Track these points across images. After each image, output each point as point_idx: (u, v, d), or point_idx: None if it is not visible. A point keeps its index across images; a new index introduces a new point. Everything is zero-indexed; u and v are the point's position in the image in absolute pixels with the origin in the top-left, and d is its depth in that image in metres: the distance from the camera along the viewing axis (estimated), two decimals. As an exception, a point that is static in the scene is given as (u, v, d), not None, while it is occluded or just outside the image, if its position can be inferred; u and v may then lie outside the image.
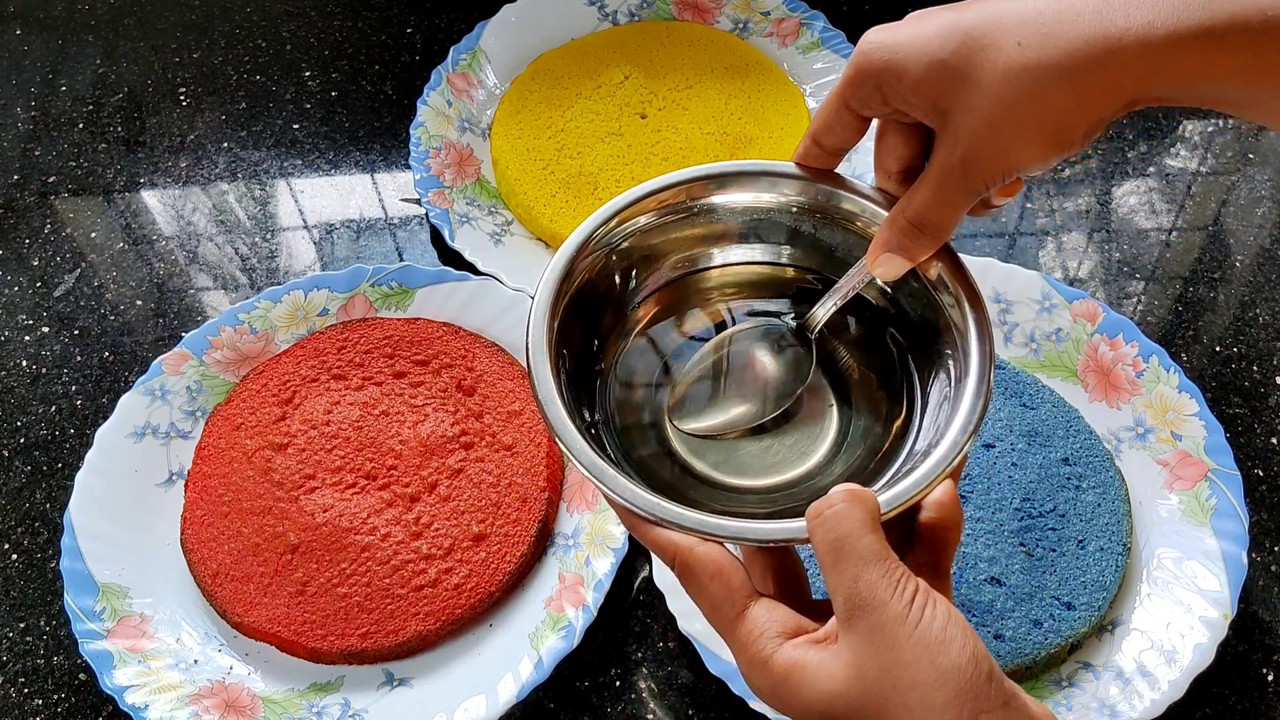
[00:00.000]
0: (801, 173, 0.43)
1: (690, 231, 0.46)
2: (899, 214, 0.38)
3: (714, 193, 0.45)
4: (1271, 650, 0.52)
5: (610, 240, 0.44)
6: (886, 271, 0.40)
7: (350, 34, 0.81)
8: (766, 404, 0.44)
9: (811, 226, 0.45)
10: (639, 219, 0.44)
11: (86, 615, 0.52)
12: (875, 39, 0.36)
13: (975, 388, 0.38)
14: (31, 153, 0.76)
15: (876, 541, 0.32)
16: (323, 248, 0.70)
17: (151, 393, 0.59)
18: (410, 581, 0.53)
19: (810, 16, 0.74)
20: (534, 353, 0.40)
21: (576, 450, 0.37)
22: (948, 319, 0.41)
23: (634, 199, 0.43)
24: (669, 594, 0.51)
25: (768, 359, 0.45)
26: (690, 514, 0.35)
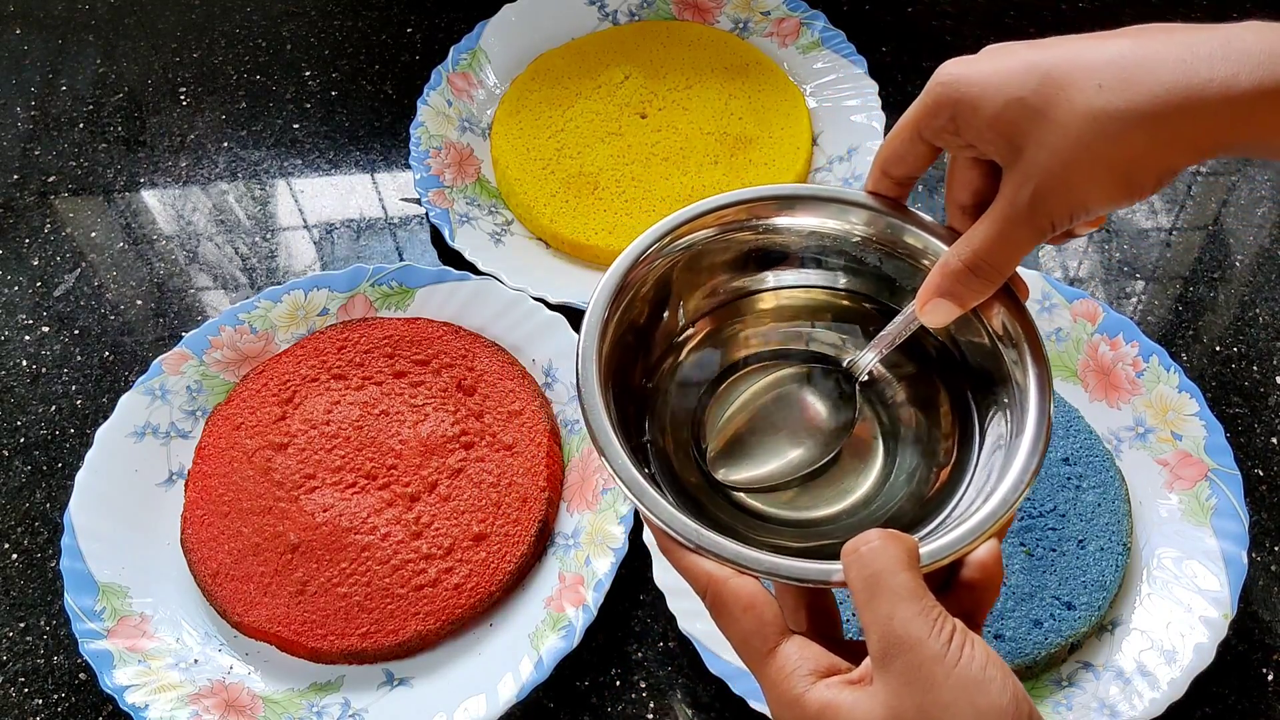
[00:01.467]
0: (872, 202, 0.42)
1: (750, 252, 0.45)
2: (953, 256, 0.37)
3: (778, 214, 0.43)
4: (1271, 650, 0.52)
5: (667, 254, 0.43)
6: (935, 318, 0.39)
7: (350, 34, 0.81)
8: (806, 458, 0.43)
9: (876, 258, 0.44)
10: (698, 234, 0.43)
11: (86, 615, 0.52)
12: (955, 71, 0.36)
13: (1031, 445, 0.37)
14: (31, 153, 0.76)
15: (912, 579, 0.32)
16: (323, 247, 0.70)
17: (151, 392, 0.59)
18: (410, 581, 0.53)
19: (810, 16, 0.74)
20: (584, 363, 0.39)
21: (618, 465, 0.37)
22: (1006, 370, 0.40)
23: (696, 214, 0.42)
24: (669, 594, 0.51)
25: (810, 408, 0.44)
26: (728, 544, 0.34)
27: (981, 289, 0.38)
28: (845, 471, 0.43)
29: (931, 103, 0.37)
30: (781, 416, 0.44)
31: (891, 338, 0.41)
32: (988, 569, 0.34)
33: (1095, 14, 0.78)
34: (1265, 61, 0.32)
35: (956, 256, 0.37)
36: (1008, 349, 0.40)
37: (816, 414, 0.44)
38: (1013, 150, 0.35)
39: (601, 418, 0.38)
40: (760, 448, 0.44)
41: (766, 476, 0.43)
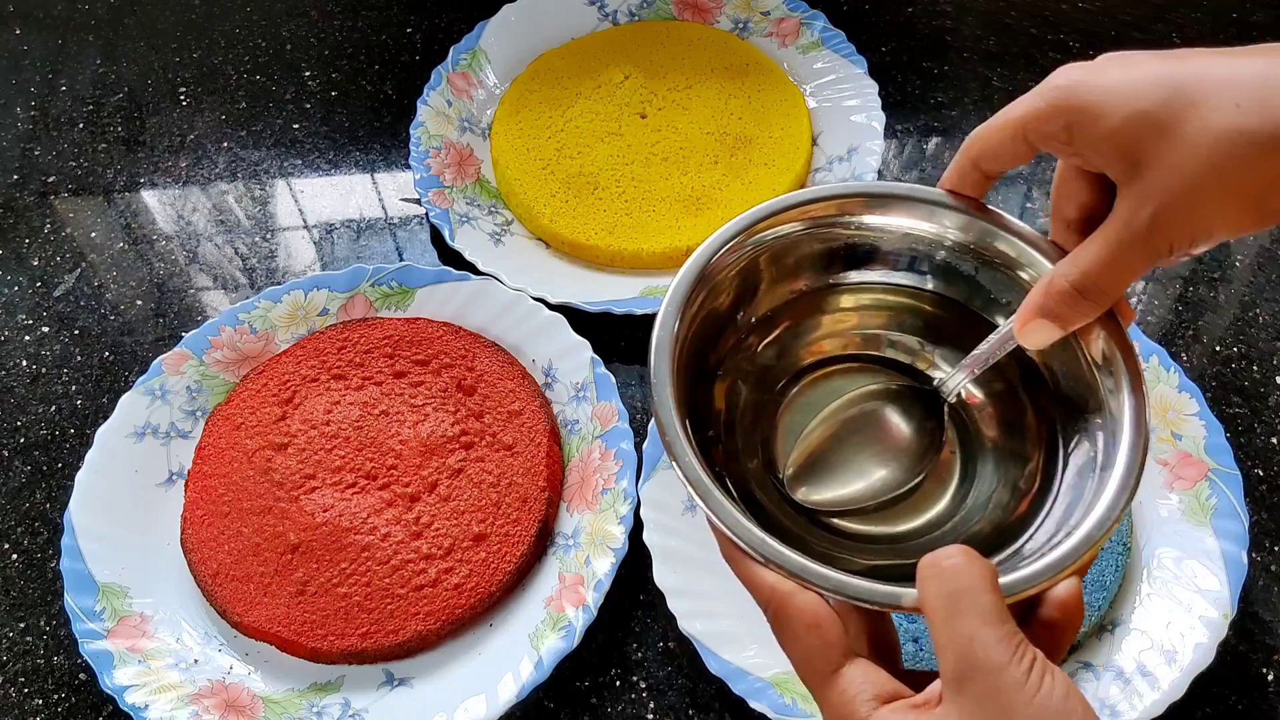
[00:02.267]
0: (966, 206, 0.41)
1: (836, 249, 0.43)
2: (1060, 277, 0.35)
3: (869, 212, 0.42)
4: (1271, 650, 0.52)
5: (751, 246, 0.41)
6: (1034, 339, 0.37)
7: (350, 34, 0.81)
8: (889, 481, 0.41)
9: (968, 265, 0.42)
10: (784, 228, 0.42)
11: (86, 615, 0.52)
12: (1075, 76, 0.34)
13: (1122, 481, 0.35)
14: (31, 153, 0.76)
15: (996, 601, 0.30)
16: (323, 248, 0.70)
17: (151, 392, 0.59)
18: (410, 581, 0.53)
19: (810, 16, 0.74)
20: (656, 354, 0.38)
21: (685, 464, 0.35)
22: (1101, 398, 0.38)
23: (784, 206, 0.41)
24: (669, 594, 0.51)
25: (894, 428, 0.42)
26: (795, 557, 0.33)
27: (1087, 312, 0.36)
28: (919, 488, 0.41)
29: (1046, 107, 0.35)
30: (864, 435, 0.42)
31: (984, 358, 0.40)
32: (1068, 608, 0.33)
33: (1095, 13, 0.78)
34: None
35: (1063, 277, 0.35)
36: (1103, 375, 0.38)
37: (901, 435, 0.42)
38: (1132, 167, 0.33)
39: (670, 413, 0.36)
40: (841, 467, 0.42)
41: (846, 499, 0.41)
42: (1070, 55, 0.76)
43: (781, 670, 0.50)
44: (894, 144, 0.72)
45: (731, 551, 0.34)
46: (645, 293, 0.63)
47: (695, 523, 0.54)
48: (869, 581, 0.33)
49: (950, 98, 0.74)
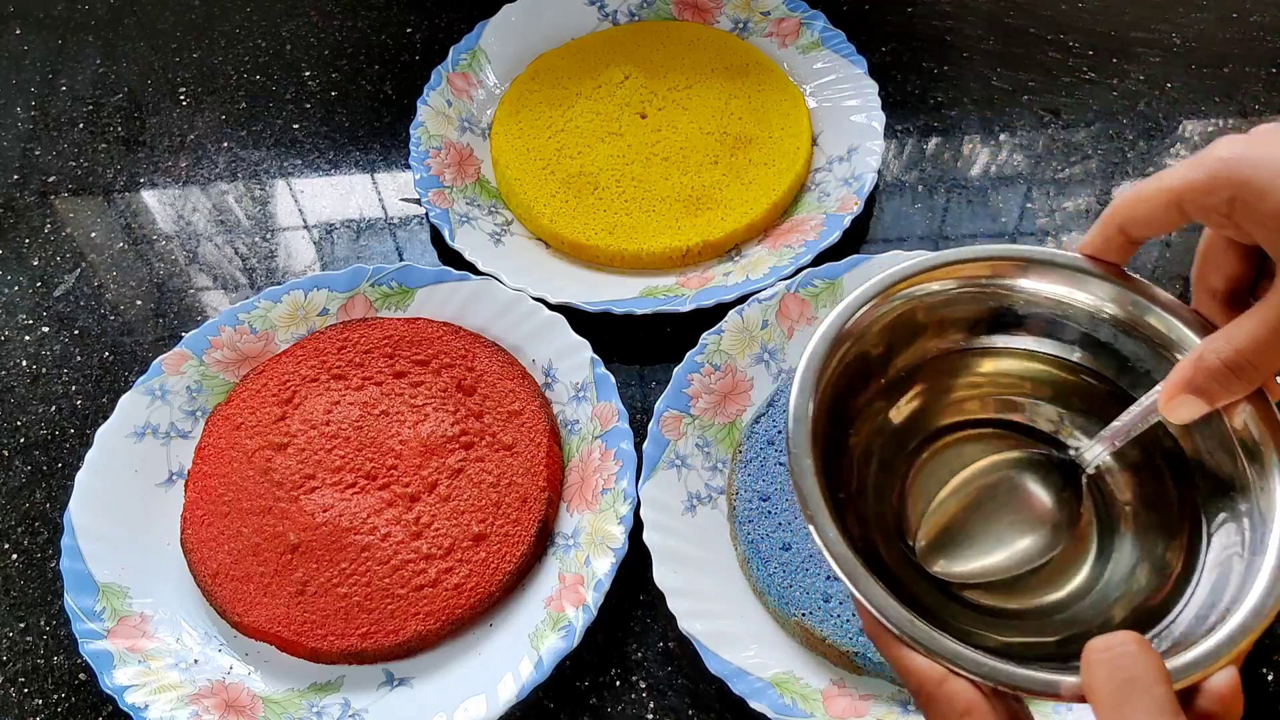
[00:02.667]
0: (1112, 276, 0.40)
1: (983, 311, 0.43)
2: (1211, 352, 0.35)
3: (1020, 276, 0.41)
4: (1271, 650, 0.52)
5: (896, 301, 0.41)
6: (1180, 414, 0.36)
7: (350, 34, 0.81)
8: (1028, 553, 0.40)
9: (1115, 336, 0.42)
10: (932, 285, 0.41)
11: (86, 615, 0.52)
12: (1237, 150, 0.33)
13: (1275, 569, 0.34)
14: (31, 153, 0.76)
15: (1169, 694, 0.29)
16: (323, 248, 0.70)
17: (151, 392, 0.59)
18: (410, 581, 0.53)
19: (810, 16, 0.74)
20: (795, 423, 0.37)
21: (830, 542, 0.35)
22: (1247, 478, 0.37)
23: (934, 265, 0.41)
24: (669, 594, 0.51)
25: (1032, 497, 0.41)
26: (948, 643, 0.32)
27: (1237, 390, 0.35)
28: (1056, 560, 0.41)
29: (1206, 179, 0.34)
30: (1000, 505, 0.41)
31: (1125, 430, 0.39)
32: (1226, 700, 0.32)
33: (1096, 13, 0.78)
34: None
35: (1214, 353, 0.34)
36: (1248, 454, 0.37)
37: (1038, 505, 0.41)
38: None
39: (812, 485, 0.36)
40: (976, 537, 0.41)
41: (981, 572, 0.40)
42: (1071, 55, 0.76)
43: (781, 670, 0.50)
44: (894, 144, 0.72)
45: (878, 632, 0.34)
46: (645, 293, 0.63)
47: (695, 523, 0.54)
48: (1025, 668, 0.32)
49: (950, 98, 0.74)
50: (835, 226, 0.63)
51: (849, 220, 0.64)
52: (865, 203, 0.65)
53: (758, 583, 0.52)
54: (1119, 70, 0.75)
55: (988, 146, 0.72)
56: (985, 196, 0.69)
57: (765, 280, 0.61)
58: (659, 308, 0.61)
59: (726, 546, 0.54)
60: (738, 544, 0.54)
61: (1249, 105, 0.73)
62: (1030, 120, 0.73)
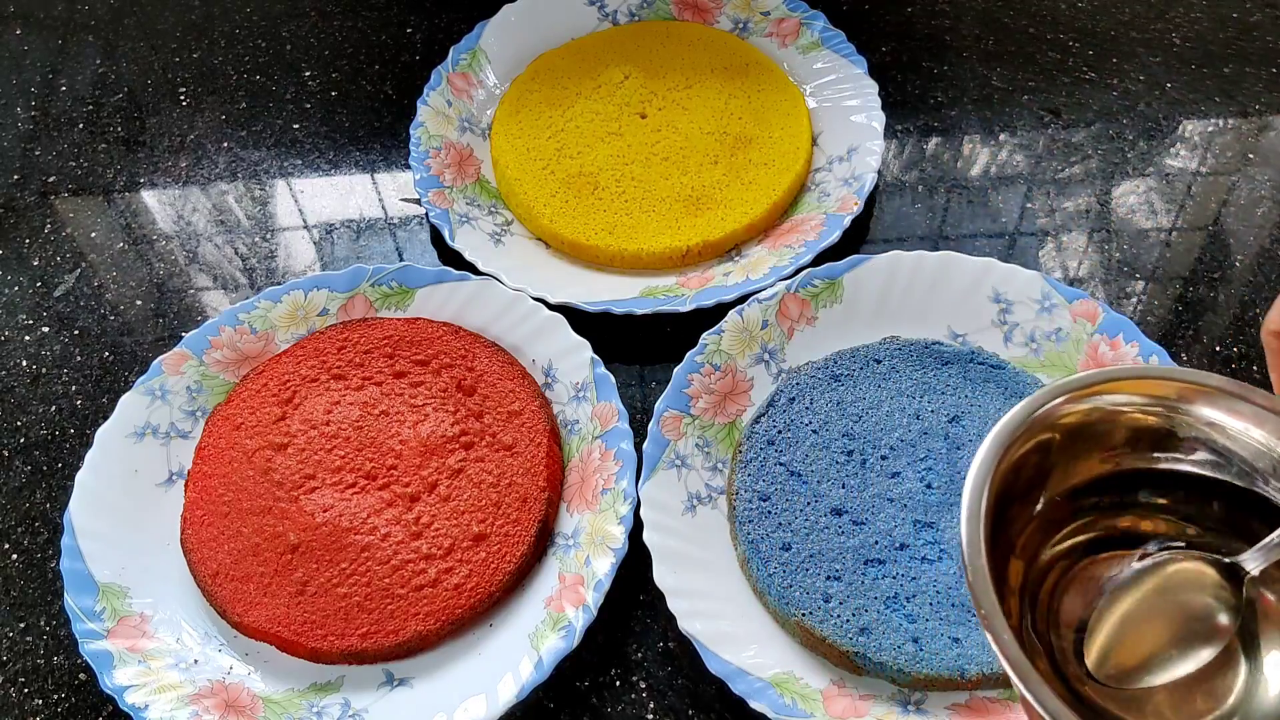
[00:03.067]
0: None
1: (1156, 429, 0.42)
2: None
3: (1205, 405, 0.41)
4: (1271, 650, 0.52)
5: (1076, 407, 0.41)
6: None
7: (350, 34, 0.81)
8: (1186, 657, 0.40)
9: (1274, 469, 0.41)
10: (1116, 396, 0.41)
11: (86, 615, 0.52)
12: None
13: None
14: (31, 153, 0.76)
15: None
16: (323, 248, 0.70)
17: (151, 393, 0.59)
18: (410, 581, 0.53)
19: (810, 16, 0.74)
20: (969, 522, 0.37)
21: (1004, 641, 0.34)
22: None
23: (1128, 375, 0.40)
24: (669, 594, 0.51)
25: (1194, 600, 0.41)
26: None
27: None
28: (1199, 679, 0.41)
29: None
30: (1160, 611, 0.41)
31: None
32: None
33: (1094, 13, 0.78)
34: None
35: None
36: None
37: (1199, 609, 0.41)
38: None
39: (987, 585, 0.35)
40: (1137, 644, 0.41)
41: (1143, 678, 0.40)
42: (1069, 55, 0.76)
43: (781, 670, 0.50)
44: (894, 144, 0.72)
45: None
46: (645, 293, 0.63)
47: (695, 523, 0.54)
48: None
49: (950, 97, 0.74)
50: (835, 226, 0.63)
51: (849, 220, 0.64)
52: (865, 203, 0.65)
53: (758, 583, 0.52)
54: (1119, 70, 0.75)
55: (988, 146, 0.72)
56: (985, 196, 0.69)
57: (765, 280, 0.61)
58: (659, 308, 0.61)
59: (726, 546, 0.54)
60: (738, 544, 0.54)
61: (1249, 105, 0.73)
62: (1030, 120, 0.73)
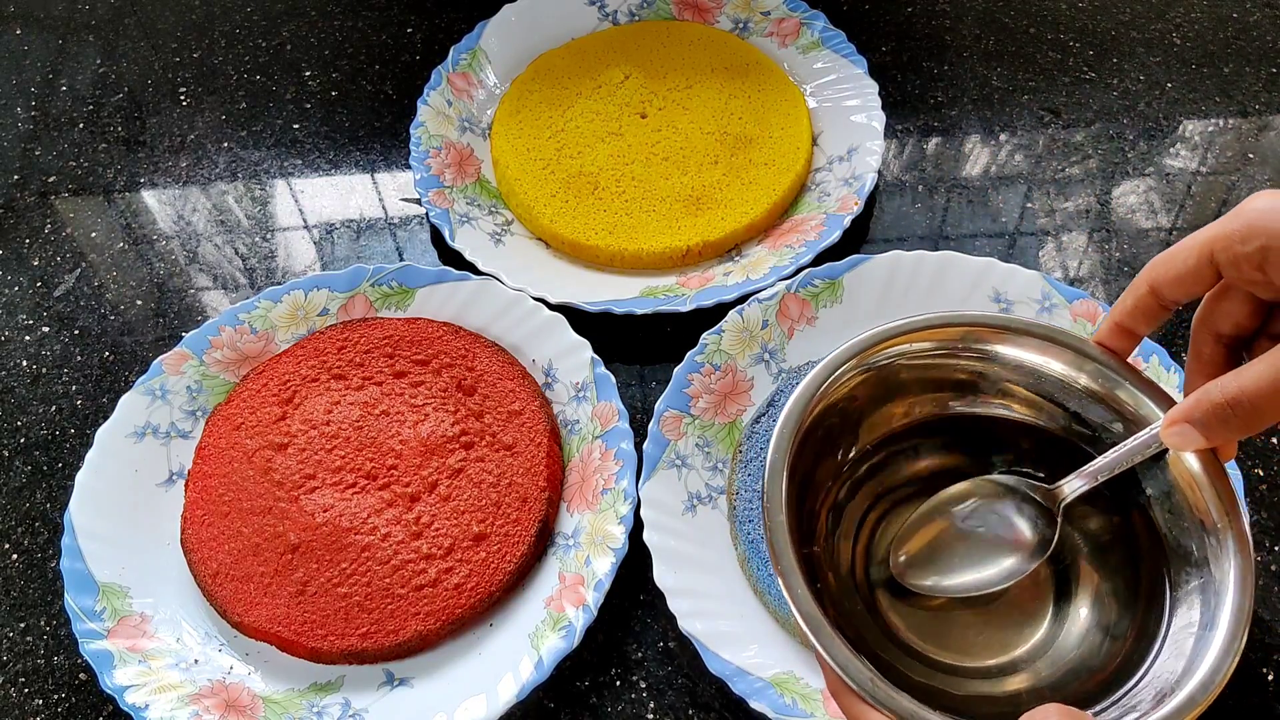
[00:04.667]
0: (1095, 352, 0.41)
1: (956, 375, 0.44)
2: (1218, 388, 0.35)
3: (996, 343, 0.42)
4: (1271, 650, 0.52)
5: (868, 366, 0.42)
6: (1176, 442, 0.37)
7: (350, 34, 0.81)
8: (996, 573, 0.41)
9: (1082, 404, 0.43)
10: (907, 347, 0.42)
11: (86, 615, 0.52)
12: (1275, 203, 0.34)
13: (1226, 642, 0.35)
14: (31, 153, 0.76)
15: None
16: (323, 247, 0.70)
17: (151, 392, 0.59)
18: (410, 581, 0.53)
19: (810, 16, 0.74)
20: (771, 478, 0.38)
21: (798, 596, 0.36)
22: (1205, 553, 0.38)
23: (914, 328, 0.42)
24: (669, 594, 0.51)
25: (1006, 521, 0.42)
26: (906, 703, 0.34)
27: (1235, 429, 0.35)
28: (1011, 618, 0.42)
29: (1242, 227, 0.35)
30: (974, 529, 0.42)
31: (1108, 467, 0.40)
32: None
33: (1093, 13, 0.78)
34: None
35: (1220, 389, 0.35)
36: (1208, 533, 0.38)
37: (1011, 530, 0.42)
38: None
39: (785, 542, 0.37)
40: (949, 556, 0.42)
41: (950, 588, 0.41)
42: (1069, 55, 0.76)
43: (781, 670, 0.50)
44: (894, 144, 0.72)
45: (840, 688, 0.35)
46: (645, 293, 0.63)
47: (695, 523, 0.54)
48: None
49: (950, 97, 0.74)
50: (835, 226, 0.63)
51: (849, 220, 0.64)
52: (865, 202, 0.65)
53: (758, 583, 0.52)
54: (1119, 70, 0.75)
55: (988, 146, 0.72)
56: (985, 196, 0.69)
57: (765, 280, 0.61)
58: (659, 308, 0.61)
59: (726, 546, 0.54)
60: (738, 544, 0.54)
61: (1249, 105, 0.73)
62: (1030, 120, 0.73)
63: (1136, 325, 0.40)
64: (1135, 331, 0.40)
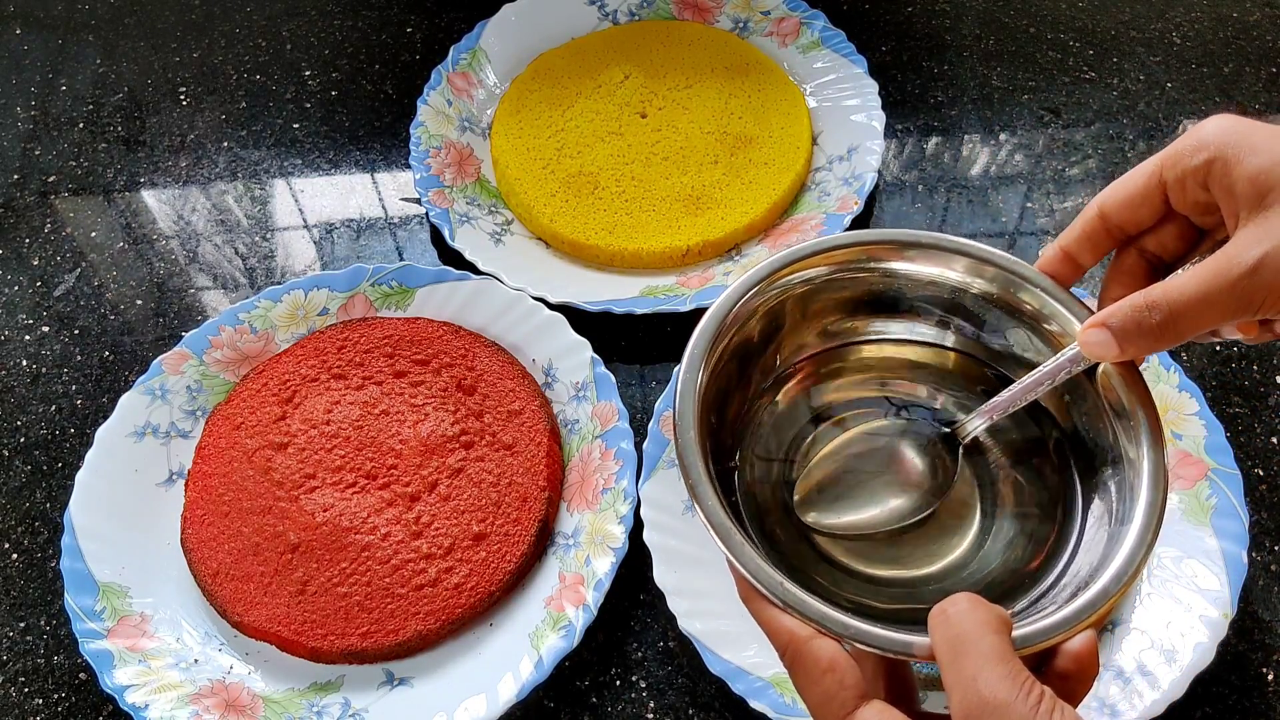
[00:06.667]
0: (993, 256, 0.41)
1: (862, 296, 0.44)
2: (1142, 297, 0.35)
3: (897, 259, 0.43)
4: (1271, 650, 0.52)
5: (777, 289, 0.42)
6: (1094, 350, 0.37)
7: (350, 34, 0.81)
8: (899, 511, 0.42)
9: (982, 309, 0.43)
10: (811, 271, 0.42)
11: (87, 615, 0.52)
12: (1226, 124, 0.35)
13: (1139, 536, 0.35)
14: (31, 152, 0.76)
15: (1000, 642, 0.30)
16: (323, 247, 0.70)
17: (152, 392, 0.59)
18: (410, 581, 0.53)
19: (810, 16, 0.74)
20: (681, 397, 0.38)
21: (707, 507, 0.36)
22: (1120, 451, 0.38)
23: (812, 251, 0.42)
24: (669, 594, 0.51)
25: (909, 462, 0.43)
26: (813, 603, 0.34)
27: (1155, 339, 0.35)
28: (937, 533, 0.42)
29: (1194, 143, 0.35)
30: (877, 467, 0.43)
31: (1005, 405, 0.40)
32: (1082, 660, 0.33)
33: (1093, 12, 0.78)
34: None
35: (1144, 296, 0.35)
36: (1123, 428, 0.38)
37: (914, 470, 0.42)
38: (1259, 208, 0.33)
39: (695, 456, 0.37)
40: (852, 495, 0.42)
41: (854, 524, 0.42)
42: (1069, 54, 0.76)
43: (781, 670, 0.50)
44: (894, 143, 0.72)
45: (750, 594, 0.35)
46: (645, 292, 0.63)
47: (695, 523, 0.54)
48: (882, 629, 0.33)
49: (949, 97, 0.74)
50: (835, 226, 0.63)
51: (849, 220, 0.64)
52: (865, 202, 0.65)
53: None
54: (1119, 70, 0.75)
55: (987, 146, 0.72)
56: (985, 196, 0.69)
57: (765, 280, 0.61)
58: (659, 307, 0.61)
59: (726, 546, 0.54)
60: (738, 543, 0.54)
61: (1249, 104, 0.73)
62: (1030, 120, 0.73)
63: (1082, 253, 0.40)
64: (1080, 260, 0.40)
